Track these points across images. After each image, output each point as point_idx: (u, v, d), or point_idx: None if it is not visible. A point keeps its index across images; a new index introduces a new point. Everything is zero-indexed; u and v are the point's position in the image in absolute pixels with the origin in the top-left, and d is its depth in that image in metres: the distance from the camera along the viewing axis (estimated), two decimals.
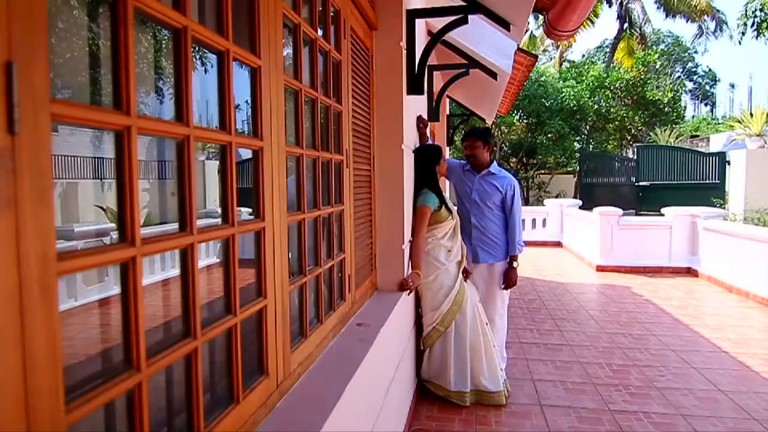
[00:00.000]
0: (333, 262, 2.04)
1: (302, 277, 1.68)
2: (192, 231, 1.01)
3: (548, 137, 17.59)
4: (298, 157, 1.67)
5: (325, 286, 1.95)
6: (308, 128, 1.82)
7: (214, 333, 1.11)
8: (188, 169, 1.01)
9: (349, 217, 2.28)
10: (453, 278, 3.32)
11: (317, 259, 1.87)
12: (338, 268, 2.18)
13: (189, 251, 1.01)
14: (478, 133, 3.63)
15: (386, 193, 2.91)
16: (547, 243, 11.26)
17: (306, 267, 1.70)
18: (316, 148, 1.84)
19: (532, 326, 5.10)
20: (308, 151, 1.75)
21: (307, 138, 1.82)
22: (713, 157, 12.82)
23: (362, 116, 2.60)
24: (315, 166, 1.85)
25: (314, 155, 1.83)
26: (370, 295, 2.75)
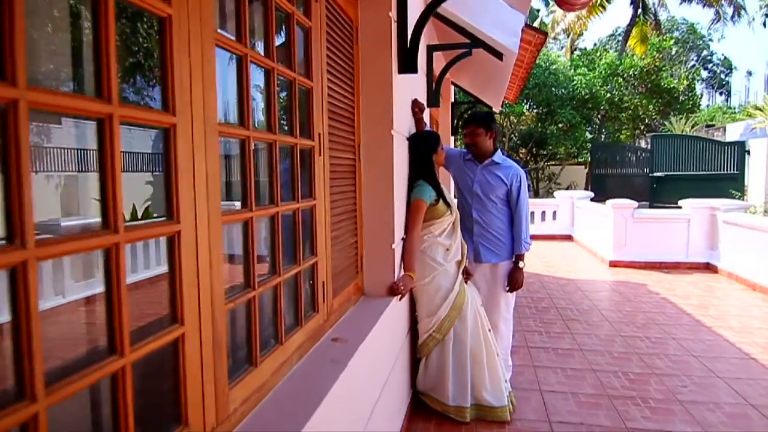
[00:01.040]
0: (299, 268, 1.70)
1: (248, 291, 1.34)
2: (24, 244, 0.67)
3: (559, 127, 17.09)
4: (243, 140, 1.33)
5: (287, 298, 1.62)
6: (260, 106, 1.48)
7: (79, 385, 0.78)
8: (15, 151, 0.67)
9: (323, 214, 1.94)
10: (452, 280, 2.97)
11: (275, 267, 1.53)
12: (308, 274, 1.84)
13: (20, 274, 0.68)
14: (480, 118, 3.26)
15: (374, 185, 2.56)
16: (556, 237, 10.85)
17: (254, 278, 1.36)
18: (271, 130, 1.50)
19: (541, 328, 4.74)
20: (259, 133, 1.41)
21: (258, 117, 1.48)
22: (732, 146, 12.29)
23: (343, 97, 2.25)
24: (271, 153, 1.50)
25: (269, 139, 1.49)
26: (354, 302, 2.41)
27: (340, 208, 2.22)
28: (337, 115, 2.16)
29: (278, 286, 1.53)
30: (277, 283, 1.52)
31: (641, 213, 7.99)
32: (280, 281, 1.53)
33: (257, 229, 1.40)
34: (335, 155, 2.14)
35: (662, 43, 17.94)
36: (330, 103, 2.05)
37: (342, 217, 2.24)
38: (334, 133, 2.13)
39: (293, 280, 1.70)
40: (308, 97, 1.83)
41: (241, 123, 1.32)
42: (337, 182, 2.18)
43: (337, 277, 2.16)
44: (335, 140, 2.14)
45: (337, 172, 2.18)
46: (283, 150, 1.64)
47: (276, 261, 1.53)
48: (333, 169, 2.10)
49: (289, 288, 1.67)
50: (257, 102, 1.49)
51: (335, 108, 2.13)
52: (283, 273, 1.56)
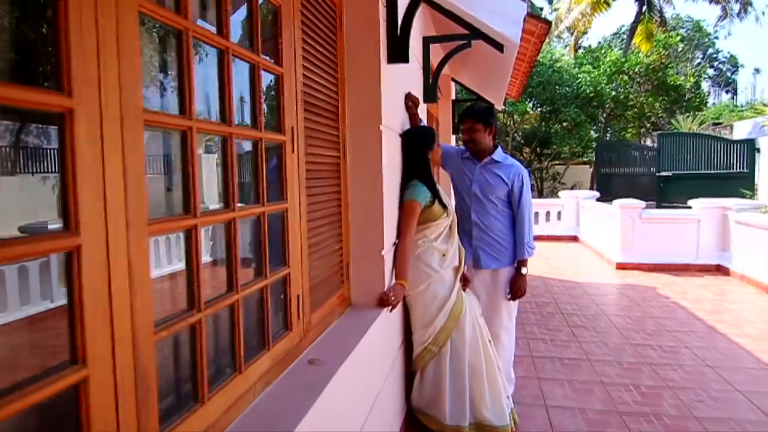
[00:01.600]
0: (265, 281, 1.47)
1: (190, 314, 1.11)
2: None
3: (563, 126, 16.78)
4: (185, 132, 1.10)
5: (248, 318, 1.39)
6: (208, 92, 1.25)
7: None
8: None
9: (297, 219, 1.71)
10: (448, 288, 2.74)
11: (231, 282, 1.30)
12: (278, 287, 1.61)
13: None
14: (478, 113, 3.02)
15: (361, 186, 2.33)
16: (561, 237, 10.59)
17: (200, 298, 1.13)
18: (226, 121, 1.27)
19: (546, 335, 4.50)
20: (206, 124, 1.19)
21: (211, 107, 1.26)
22: (741, 144, 11.97)
23: (324, 87, 2.02)
24: (226, 148, 1.28)
25: (221, 131, 1.26)
26: (339, 314, 2.18)
27: (321, 212, 1.99)
28: (316, 107, 1.93)
29: (235, 304, 1.30)
30: (234, 301, 1.29)
31: (649, 213, 7.73)
32: (238, 299, 1.30)
33: (211, 237, 1.18)
34: (314, 152, 1.92)
35: (668, 39, 17.61)
36: (307, 94, 1.82)
37: (323, 222, 2.01)
38: (313, 128, 1.90)
39: (258, 295, 1.47)
40: (278, 86, 1.60)
41: (181, 112, 1.10)
42: (317, 182, 1.95)
43: (317, 289, 1.93)
44: (314, 135, 1.91)
45: (316, 171, 1.95)
46: (243, 145, 1.41)
47: (232, 275, 1.30)
48: (311, 167, 1.88)
49: (251, 305, 1.45)
50: (210, 89, 1.27)
51: (314, 100, 1.91)
52: (241, 289, 1.33)
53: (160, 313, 1.04)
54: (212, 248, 1.49)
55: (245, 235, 1.43)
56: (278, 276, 1.57)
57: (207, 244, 1.47)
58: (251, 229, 1.47)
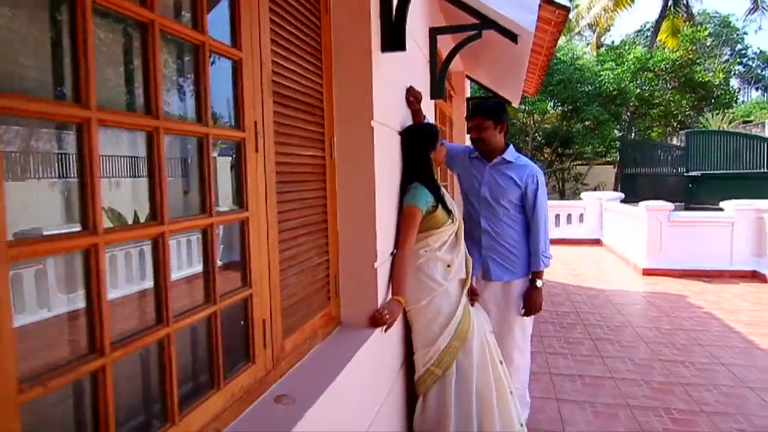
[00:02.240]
0: (213, 308, 1.21)
1: (93, 358, 0.86)
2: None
3: (585, 125, 16.28)
4: (81, 124, 0.85)
5: (186, 354, 1.14)
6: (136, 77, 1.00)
7: None
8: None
9: (263, 230, 1.45)
10: (454, 302, 2.45)
11: (161, 312, 1.05)
12: (235, 313, 1.36)
13: None
14: (487, 109, 2.73)
15: (351, 190, 2.07)
16: (584, 241, 10.15)
17: (103, 338, 0.88)
18: (152, 113, 1.02)
19: (566, 349, 4.16)
20: (114, 115, 0.93)
21: (118, 92, 1.01)
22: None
23: (303, 78, 1.76)
24: (153, 146, 1.02)
25: (146, 125, 1.01)
26: (323, 336, 1.92)
27: (299, 220, 1.73)
28: (292, 100, 1.67)
29: (165, 340, 1.05)
30: (164, 336, 1.04)
31: (678, 216, 7.28)
32: (168, 333, 1.05)
33: (128, 259, 0.92)
34: (290, 152, 1.66)
35: (696, 34, 16.94)
36: (279, 84, 1.57)
37: (302, 231, 1.75)
38: (288, 124, 1.64)
39: (206, 324, 1.22)
40: (235, 73, 1.35)
41: (76, 99, 0.85)
42: (294, 186, 1.70)
43: (293, 310, 1.67)
44: (289, 132, 1.66)
45: (292, 173, 1.69)
46: (183, 143, 1.16)
47: (162, 304, 1.04)
48: (285, 169, 1.62)
49: (195, 338, 1.19)
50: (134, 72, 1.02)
51: (289, 92, 1.65)
52: (177, 320, 1.07)
53: (42, 360, 0.79)
54: (138, 272, 1.24)
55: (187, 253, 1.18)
56: (234, 299, 1.31)
57: (131, 268, 1.22)
58: (198, 245, 1.21)
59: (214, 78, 1.23)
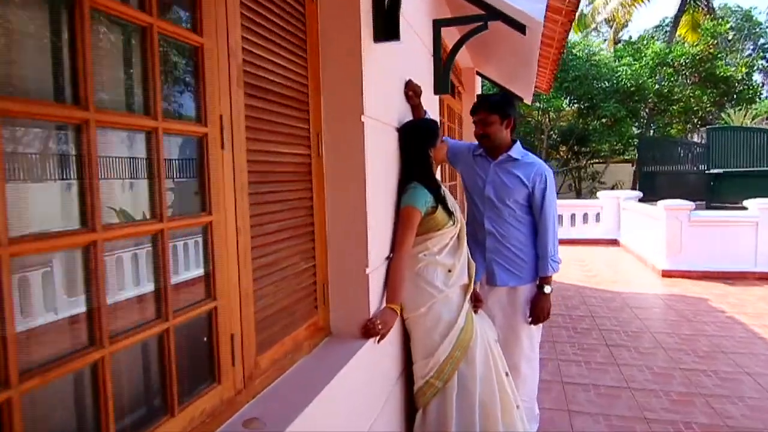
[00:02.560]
0: (164, 325, 1.07)
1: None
2: None
3: (602, 122, 15.90)
4: None
5: (131, 379, 1.00)
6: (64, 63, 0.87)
7: None
8: None
9: (231, 235, 1.31)
10: (455, 310, 2.30)
11: (94, 334, 0.91)
12: (196, 329, 1.22)
13: None
14: (492, 102, 2.56)
15: (340, 190, 1.92)
16: (600, 241, 9.87)
17: (9, 366, 0.74)
18: (79, 102, 0.88)
19: (579, 356, 3.96)
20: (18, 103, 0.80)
21: (39, 80, 0.87)
22: None
23: (283, 69, 1.62)
24: (82, 142, 0.89)
25: (69, 117, 0.87)
26: (308, 349, 1.77)
27: (280, 223, 1.59)
28: (270, 93, 1.53)
29: (99, 364, 0.91)
30: (98, 359, 0.90)
31: (699, 215, 6.99)
32: (105, 356, 0.91)
33: (52, 269, 0.79)
34: (267, 149, 1.52)
35: (717, 28, 16.43)
36: (252, 75, 1.43)
37: (283, 236, 1.61)
38: (265, 119, 1.50)
39: (157, 344, 1.08)
40: (196, 61, 1.21)
41: None
42: (273, 187, 1.56)
43: (271, 321, 1.53)
44: (267, 128, 1.52)
45: (272, 172, 1.55)
46: (130, 138, 1.03)
47: (94, 323, 0.91)
48: (261, 168, 1.48)
49: (140, 360, 1.06)
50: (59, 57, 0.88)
51: (266, 83, 1.51)
52: (115, 341, 0.94)
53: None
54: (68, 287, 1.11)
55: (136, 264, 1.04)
56: (194, 313, 1.17)
57: (52, 281, 1.09)
58: (148, 256, 1.07)
59: (168, 66, 1.09)
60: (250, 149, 1.42)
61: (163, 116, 1.07)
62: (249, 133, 1.41)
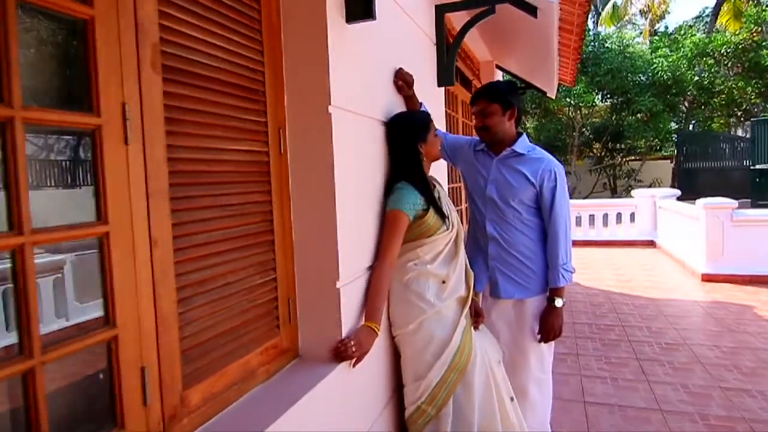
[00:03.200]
0: (29, 363, 0.85)
1: None
2: None
3: (638, 117, 15.16)
4: None
5: None
6: None
7: None
8: None
9: (137, 250, 1.09)
10: (449, 326, 2.02)
11: None
12: (91, 364, 1.00)
13: None
14: (493, 90, 2.26)
15: (306, 192, 1.68)
16: (636, 242, 9.31)
17: None
18: None
19: (605, 371, 3.60)
20: None
21: None
22: None
23: (228, 53, 1.39)
24: None
25: None
26: (268, 375, 1.54)
27: (220, 232, 1.36)
28: (203, 79, 1.30)
29: None
30: None
31: (742, 214, 6.43)
32: None
33: None
34: (201, 145, 1.29)
35: (761, 14, 15.42)
36: (175, 57, 1.20)
37: (225, 247, 1.38)
38: (197, 109, 1.28)
39: (20, 386, 0.86)
40: (85, 37, 0.99)
41: None
42: (210, 190, 1.33)
43: (205, 349, 1.29)
44: (199, 121, 1.29)
45: (208, 173, 1.32)
46: None
47: None
48: (190, 168, 1.25)
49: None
50: None
51: (198, 68, 1.28)
52: None
53: None
54: None
55: None
56: (77, 347, 0.95)
57: None
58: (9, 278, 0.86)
59: (42, 44, 0.88)
60: (173, 145, 1.19)
61: (24, 104, 0.85)
62: (171, 125, 1.18)
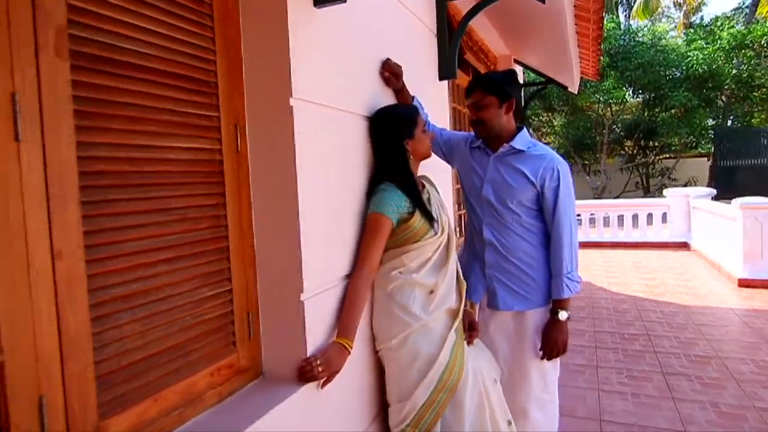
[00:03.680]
0: None
1: None
2: None
3: (671, 113, 14.51)
4: None
5: None
6: None
7: None
8: None
9: (33, 263, 0.94)
10: (437, 341, 1.83)
11: None
12: None
13: None
14: (488, 81, 2.05)
15: (266, 195, 1.52)
16: (668, 244, 8.85)
17: None
18: None
19: (627, 387, 3.32)
20: None
21: None
22: None
23: (162, 38, 1.24)
24: None
25: None
26: (219, 398, 1.38)
27: (152, 241, 1.21)
28: (128, 67, 1.15)
29: None
30: None
31: None
32: None
33: None
34: (124, 141, 1.14)
35: None
36: (89, 42, 1.05)
37: (160, 257, 1.22)
38: (118, 101, 1.13)
39: None
40: None
41: None
42: (136, 193, 1.17)
43: (132, 372, 1.14)
44: (122, 114, 1.14)
45: (134, 173, 1.17)
46: None
47: None
48: (109, 168, 1.10)
49: None
50: None
51: (120, 54, 1.13)
52: None
53: None
54: None
55: None
56: None
57: None
58: None
59: None
60: (87, 142, 1.04)
61: None
62: (83, 120, 1.03)
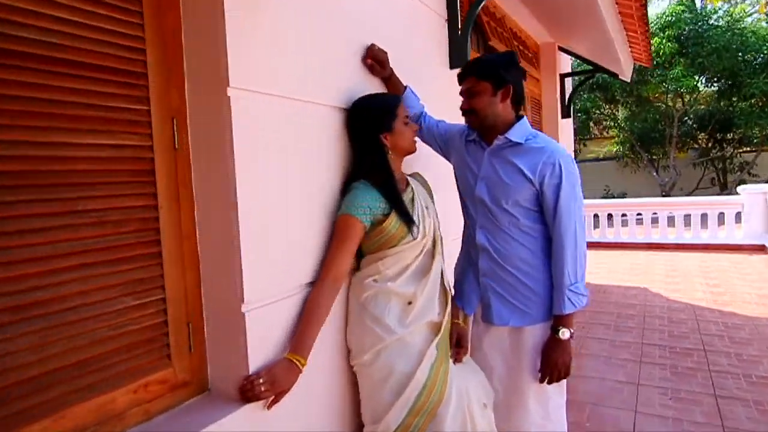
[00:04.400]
0: None
1: None
2: None
3: (750, 102, 13.22)
4: None
5: None
6: None
7: None
8: None
9: None
10: (414, 358, 1.64)
11: None
12: None
13: None
14: (482, 65, 1.80)
15: (206, 195, 1.38)
16: (742, 247, 8.00)
17: None
18: None
19: (670, 411, 2.93)
20: None
21: None
22: None
23: (74, 26, 1.13)
24: None
25: None
26: (146, 417, 1.26)
27: (64, 245, 1.10)
28: (35, 59, 1.05)
29: None
30: None
31: None
32: None
33: None
34: (20, 138, 1.04)
35: None
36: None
37: (69, 263, 1.12)
38: (27, 96, 1.03)
39: None
40: None
41: None
42: (38, 194, 1.07)
43: (29, 389, 1.04)
44: (29, 110, 1.04)
45: (35, 173, 1.07)
46: None
47: None
48: (6, 167, 1.00)
49: None
50: None
51: (23, 45, 1.03)
52: None
53: None
54: None
55: None
56: None
57: None
58: None
59: None
60: None
61: None
62: None
